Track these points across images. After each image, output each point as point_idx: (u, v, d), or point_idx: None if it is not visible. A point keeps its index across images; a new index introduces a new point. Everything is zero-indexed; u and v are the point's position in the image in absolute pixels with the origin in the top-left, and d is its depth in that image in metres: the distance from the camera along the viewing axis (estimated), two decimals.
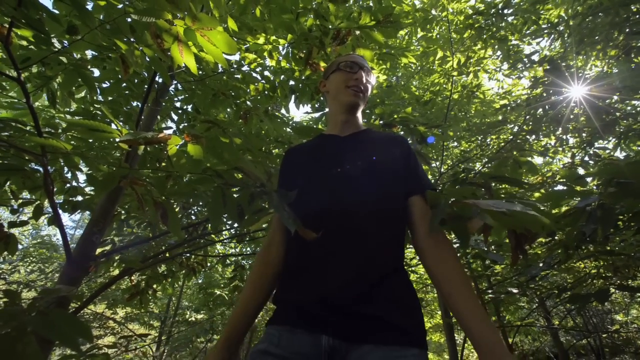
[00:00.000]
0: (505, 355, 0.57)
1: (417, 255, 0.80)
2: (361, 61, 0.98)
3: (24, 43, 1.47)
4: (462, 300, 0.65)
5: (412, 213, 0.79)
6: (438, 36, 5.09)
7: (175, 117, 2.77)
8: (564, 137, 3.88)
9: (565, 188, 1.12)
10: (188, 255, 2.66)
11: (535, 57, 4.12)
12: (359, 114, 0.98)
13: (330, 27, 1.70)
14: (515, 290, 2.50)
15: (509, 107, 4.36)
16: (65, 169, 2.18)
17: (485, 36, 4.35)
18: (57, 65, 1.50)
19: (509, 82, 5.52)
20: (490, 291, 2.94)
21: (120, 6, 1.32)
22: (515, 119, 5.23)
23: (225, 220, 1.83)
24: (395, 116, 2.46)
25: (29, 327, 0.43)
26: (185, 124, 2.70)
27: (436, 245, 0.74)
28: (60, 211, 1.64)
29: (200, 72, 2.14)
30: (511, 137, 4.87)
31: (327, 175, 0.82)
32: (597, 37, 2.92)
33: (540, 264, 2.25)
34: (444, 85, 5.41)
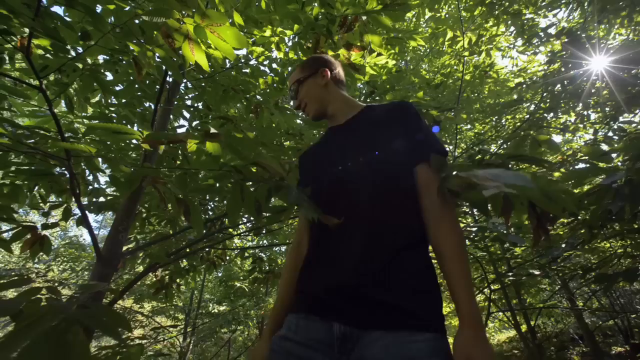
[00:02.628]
0: (477, 325, 0.61)
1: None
2: (291, 85, 0.98)
3: (41, 52, 1.52)
4: (453, 277, 0.66)
5: (417, 184, 0.76)
6: (447, 16, 4.92)
7: (187, 115, 2.82)
8: (585, 112, 3.71)
9: (588, 166, 1.08)
10: (208, 249, 2.74)
11: (552, 30, 3.93)
12: (340, 101, 0.95)
13: (336, 14, 1.67)
14: (536, 272, 2.46)
15: (524, 85, 4.20)
16: (87, 171, 2.27)
17: (497, 12, 4.17)
18: (72, 71, 1.54)
19: (524, 59, 5.29)
20: (510, 274, 2.90)
21: (127, 8, 1.34)
22: (532, 97, 5.04)
23: (242, 214, 1.87)
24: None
25: (76, 319, 0.47)
26: (198, 122, 2.74)
27: (436, 218, 0.71)
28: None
29: (210, 69, 2.15)
30: (527, 116, 4.70)
31: (328, 167, 0.83)
32: (621, 3, 2.75)
33: (563, 245, 2.20)
34: (455, 67, 5.25)
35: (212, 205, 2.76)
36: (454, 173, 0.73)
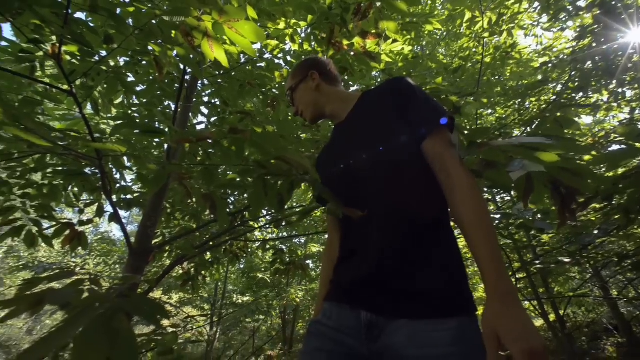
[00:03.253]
0: (508, 293, 0.55)
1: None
2: (286, 92, 1.00)
3: (68, 57, 1.59)
4: (475, 246, 0.61)
5: (429, 161, 0.72)
6: None
7: (205, 112, 2.88)
8: (620, 90, 3.47)
9: (624, 147, 1.02)
10: (230, 242, 2.82)
11: (582, 3, 3.67)
12: (337, 99, 0.94)
13: (350, 2, 1.64)
14: (566, 260, 2.37)
15: (550, 65, 3.97)
16: (114, 170, 2.38)
17: None
18: (97, 75, 1.61)
19: (549, 37, 4.99)
20: (537, 262, 2.81)
21: (144, 10, 1.37)
22: (558, 77, 4.76)
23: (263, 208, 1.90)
24: (426, 87, 2.36)
25: (120, 308, 0.50)
26: (216, 118, 2.80)
27: (451, 187, 0.67)
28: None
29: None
30: (554, 97, 4.46)
31: (335, 165, 0.84)
32: None
33: (595, 232, 2.10)
34: (474, 50, 5.03)
35: (233, 199, 2.83)
36: (477, 142, 0.71)
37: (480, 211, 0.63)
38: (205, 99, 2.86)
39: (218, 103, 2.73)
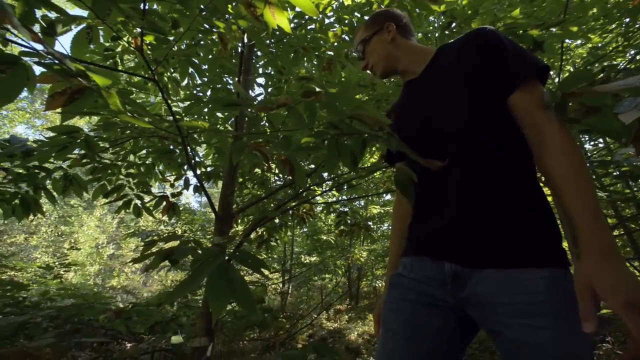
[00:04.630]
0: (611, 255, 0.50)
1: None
2: (357, 46, 0.96)
3: (145, 48, 1.75)
4: (567, 199, 0.56)
5: (516, 115, 0.68)
6: None
7: (261, 82, 2.96)
8: None
9: None
10: (297, 206, 3.00)
11: None
12: (412, 53, 0.89)
13: None
14: None
15: None
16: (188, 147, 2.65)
17: None
18: (170, 59, 1.75)
19: None
20: None
21: None
22: None
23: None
24: (499, 24, 2.05)
25: (232, 260, 0.60)
26: (272, 88, 2.86)
27: (541, 142, 0.63)
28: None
29: (276, 32, 2.17)
30: None
31: (413, 121, 0.82)
32: None
33: None
34: None
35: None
36: (575, 89, 0.61)
37: (576, 163, 0.58)
38: (260, 70, 2.93)
39: (272, 72, 2.78)
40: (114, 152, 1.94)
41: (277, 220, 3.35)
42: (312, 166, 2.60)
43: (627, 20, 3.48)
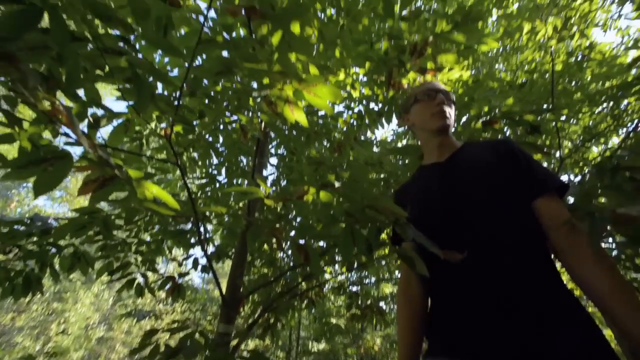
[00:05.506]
0: None
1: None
2: (436, 86, 0.98)
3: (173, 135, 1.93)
4: (617, 313, 0.57)
5: (541, 220, 0.72)
6: (519, 5, 4.49)
7: (274, 162, 3.13)
8: None
9: None
10: (307, 288, 2.83)
11: None
12: (451, 134, 0.96)
13: (405, 44, 1.70)
14: None
15: None
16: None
17: None
18: (192, 144, 1.91)
19: None
20: None
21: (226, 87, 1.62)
22: None
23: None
24: (494, 114, 2.22)
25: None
26: (283, 167, 3.01)
27: (576, 255, 0.65)
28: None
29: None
30: None
31: (437, 206, 0.82)
32: None
33: None
34: (540, 59, 4.64)
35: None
36: (611, 210, 0.63)
37: (615, 276, 0.60)
38: (273, 150, 3.13)
39: (285, 153, 2.96)
40: (128, 229, 1.96)
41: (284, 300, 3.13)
42: (321, 242, 2.55)
43: (612, 104, 3.76)
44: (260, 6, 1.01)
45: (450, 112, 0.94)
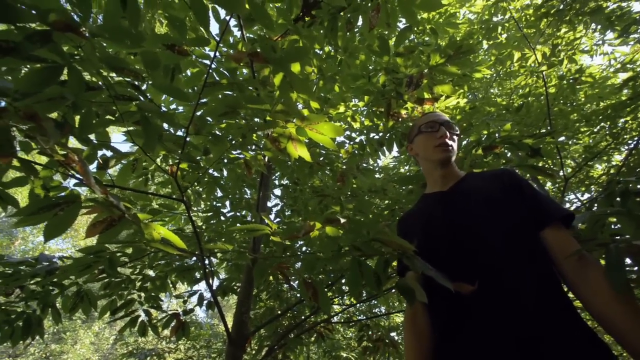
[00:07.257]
0: None
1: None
2: (439, 118, 1.00)
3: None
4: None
5: (550, 251, 0.72)
6: (508, 35, 4.70)
7: (277, 193, 3.15)
8: None
9: None
10: (316, 321, 2.73)
11: None
12: (454, 164, 0.98)
13: (401, 77, 1.78)
14: None
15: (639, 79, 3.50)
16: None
17: (568, 17, 3.82)
18: (198, 181, 1.94)
19: (626, 51, 4.55)
20: None
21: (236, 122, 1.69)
22: None
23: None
24: (495, 140, 2.26)
25: None
26: (287, 197, 3.02)
27: (590, 288, 0.64)
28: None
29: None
30: None
31: (442, 235, 0.82)
32: None
33: None
34: (534, 84, 4.79)
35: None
36: (626, 240, 0.63)
37: (630, 303, 0.59)
38: (276, 182, 3.17)
39: (289, 184, 2.99)
40: (132, 267, 1.94)
41: (291, 335, 3.01)
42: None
43: (608, 123, 3.82)
44: (262, 51, 1.08)
45: (453, 144, 0.96)
